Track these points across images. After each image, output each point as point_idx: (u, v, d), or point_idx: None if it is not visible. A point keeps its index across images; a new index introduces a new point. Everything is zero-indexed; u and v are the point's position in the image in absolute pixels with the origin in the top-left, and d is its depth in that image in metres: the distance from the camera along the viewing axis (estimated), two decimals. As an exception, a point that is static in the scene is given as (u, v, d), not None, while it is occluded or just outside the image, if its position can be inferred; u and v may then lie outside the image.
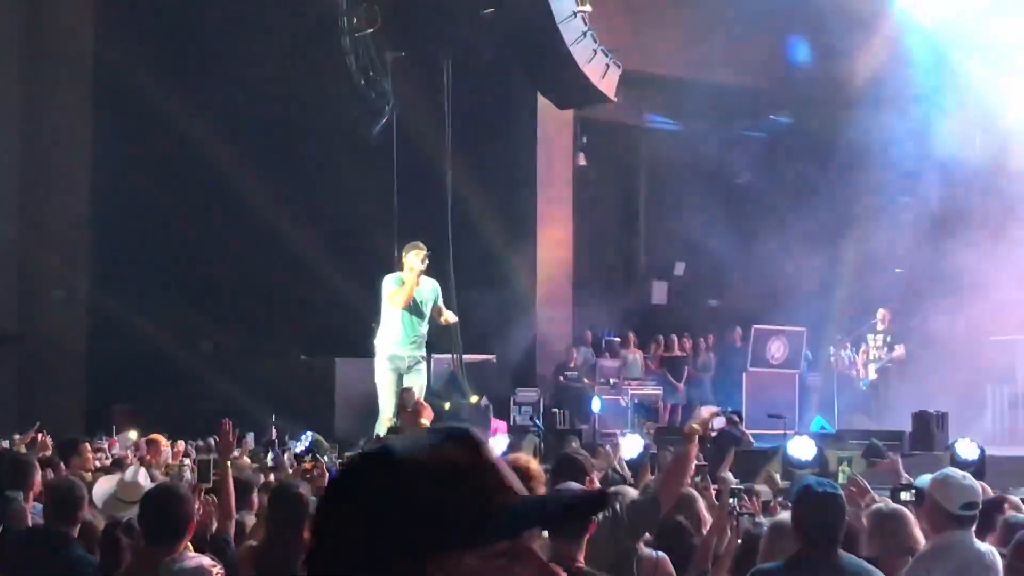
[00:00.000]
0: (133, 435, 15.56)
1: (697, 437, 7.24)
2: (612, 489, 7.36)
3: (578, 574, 5.50)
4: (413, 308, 14.51)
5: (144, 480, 8.04)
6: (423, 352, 14.50)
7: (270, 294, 21.65)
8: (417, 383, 14.39)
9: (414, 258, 14.60)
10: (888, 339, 21.54)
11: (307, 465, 8.29)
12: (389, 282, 14.72)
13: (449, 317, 14.99)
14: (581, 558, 5.58)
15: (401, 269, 14.86)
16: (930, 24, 22.44)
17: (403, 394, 13.74)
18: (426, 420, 7.80)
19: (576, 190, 24.34)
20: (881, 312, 21.68)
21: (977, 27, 21.76)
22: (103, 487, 8.29)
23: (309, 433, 11.60)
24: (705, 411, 7.85)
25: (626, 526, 6.52)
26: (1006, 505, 8.14)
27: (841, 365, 22.37)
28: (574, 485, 6.10)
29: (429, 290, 14.70)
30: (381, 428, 13.72)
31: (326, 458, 11.24)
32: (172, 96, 20.82)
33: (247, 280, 21.68)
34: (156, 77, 20.85)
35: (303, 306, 21.36)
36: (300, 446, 12.16)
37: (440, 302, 14.81)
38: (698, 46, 23.47)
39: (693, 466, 7.39)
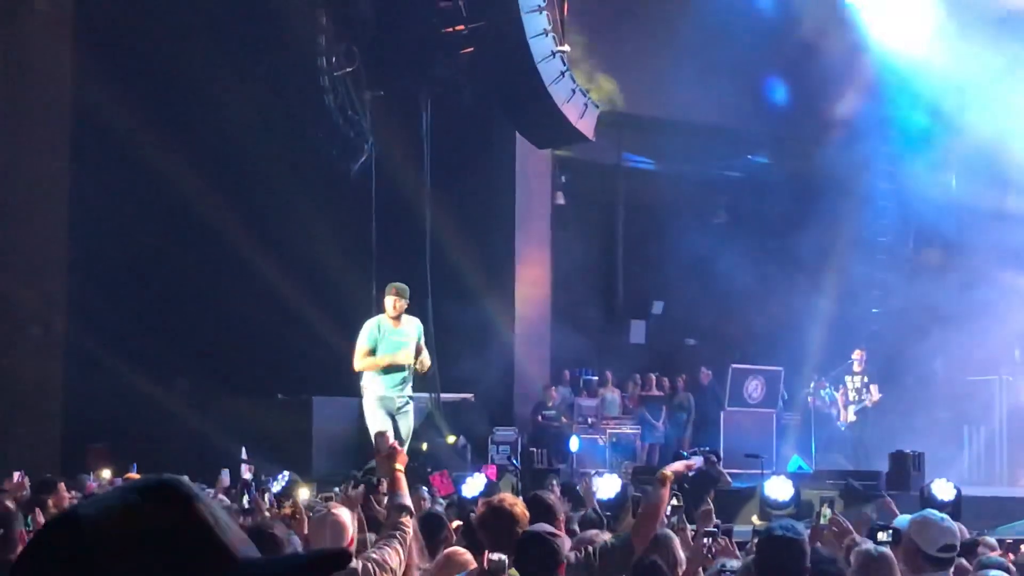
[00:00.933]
0: (107, 474, 15.48)
1: (669, 482, 7.28)
2: (579, 536, 7.34)
3: None
4: (393, 349, 14.28)
5: None
6: (410, 392, 14.25)
7: (247, 332, 21.59)
8: (405, 426, 14.17)
9: (387, 302, 14.31)
10: (864, 380, 21.59)
11: (287, 510, 8.24)
12: (363, 332, 14.42)
13: (425, 360, 14.67)
14: None
15: (382, 310, 14.58)
16: (906, 62, 22.58)
17: (377, 438, 13.54)
18: (400, 465, 7.80)
19: (554, 229, 24.37)
20: (857, 353, 21.73)
21: (955, 63, 21.90)
22: None
23: (286, 473, 11.53)
24: (682, 464, 7.88)
25: (597, 570, 6.52)
26: (979, 548, 8.16)
27: (819, 404, 22.40)
28: (544, 527, 6.11)
29: (412, 329, 14.41)
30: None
31: (304, 496, 11.21)
32: (150, 136, 20.81)
33: (224, 318, 21.63)
34: (134, 117, 20.85)
35: (280, 344, 21.30)
36: (277, 486, 12.08)
37: (421, 341, 14.56)
38: (675, 86, 23.58)
39: (666, 508, 7.41)
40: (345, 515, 6.44)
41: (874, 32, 22.64)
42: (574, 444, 20.47)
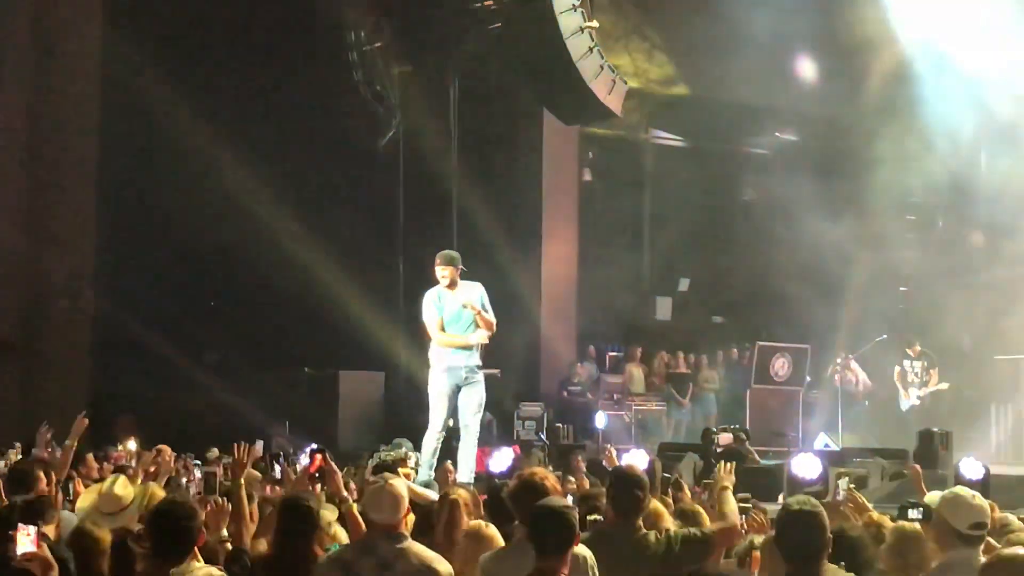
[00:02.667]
0: (132, 445, 15.54)
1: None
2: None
3: None
4: (456, 319, 13.55)
5: (122, 491, 8.01)
6: (478, 361, 13.56)
7: (275, 306, 21.67)
8: (476, 397, 13.57)
9: (439, 273, 13.27)
10: (925, 364, 21.54)
11: (314, 466, 8.22)
12: (427, 306, 13.59)
13: (490, 319, 13.71)
14: (565, 571, 5.66)
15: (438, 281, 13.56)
16: (935, 41, 22.45)
17: (443, 469, 13.17)
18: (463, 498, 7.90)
19: (581, 205, 24.35)
20: (911, 349, 21.63)
21: (981, 44, 21.78)
22: (86, 500, 8.28)
23: (314, 446, 11.53)
24: (725, 475, 7.92)
25: (676, 556, 6.63)
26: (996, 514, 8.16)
27: (845, 382, 22.36)
28: (557, 500, 6.13)
29: (473, 293, 13.29)
30: (429, 442, 13.18)
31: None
32: (179, 110, 20.85)
33: (252, 291, 21.71)
34: (164, 91, 20.88)
35: (308, 318, 21.36)
36: (306, 459, 12.10)
37: (485, 303, 13.67)
38: (704, 63, 23.51)
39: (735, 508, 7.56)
40: (401, 486, 6.48)
41: (904, 12, 22.49)
42: (600, 420, 20.50)
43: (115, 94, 21.93)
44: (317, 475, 8.30)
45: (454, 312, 13.30)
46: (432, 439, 13.04)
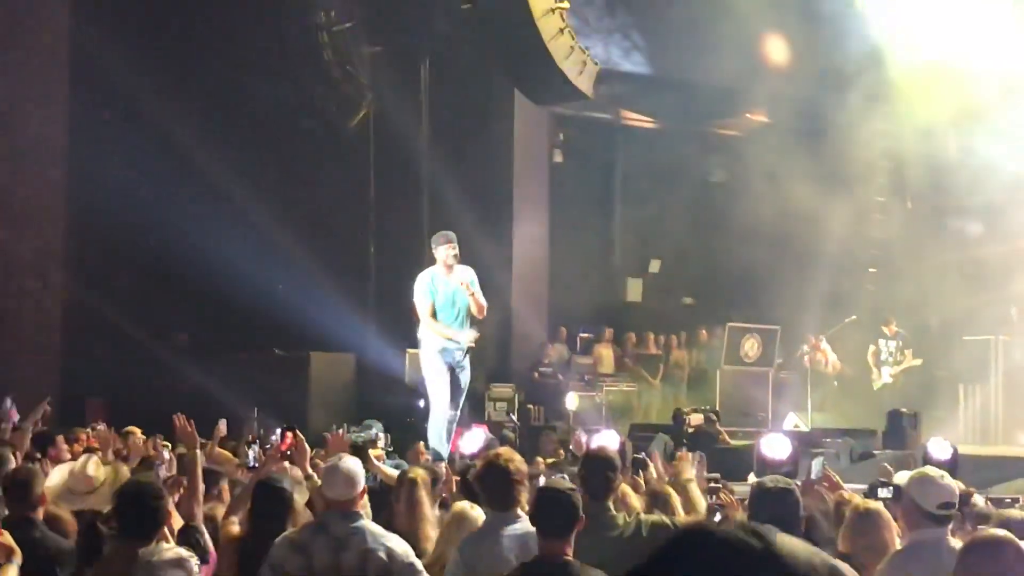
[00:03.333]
0: (101, 427, 15.47)
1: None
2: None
3: (566, 566, 5.63)
4: (450, 303, 13.52)
5: (94, 471, 8.00)
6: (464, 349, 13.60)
7: (245, 286, 21.58)
8: (465, 378, 13.66)
9: (443, 252, 13.39)
10: (900, 344, 21.67)
11: (285, 443, 8.20)
12: (420, 289, 13.45)
13: (481, 302, 13.54)
14: (569, 551, 5.70)
15: (433, 263, 13.67)
16: (901, 21, 22.52)
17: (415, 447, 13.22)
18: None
19: (552, 187, 24.35)
20: (888, 328, 21.76)
21: (947, 27, 21.87)
22: (55, 479, 8.27)
23: (284, 425, 11.46)
24: (687, 466, 7.95)
25: (641, 541, 6.66)
26: (972, 499, 8.21)
27: (814, 362, 22.45)
28: (561, 482, 6.18)
29: (466, 276, 13.44)
30: (439, 421, 13.22)
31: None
32: (149, 88, 20.74)
33: (222, 272, 21.60)
34: (133, 68, 20.75)
35: (278, 299, 21.31)
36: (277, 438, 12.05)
37: (476, 287, 13.52)
38: (674, 44, 23.51)
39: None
40: (356, 465, 6.48)
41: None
42: (571, 401, 20.53)
43: (83, 68, 21.78)
44: (288, 453, 8.32)
45: (448, 296, 13.31)
46: (442, 418, 13.13)
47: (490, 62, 21.65)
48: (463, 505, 7.23)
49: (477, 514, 6.98)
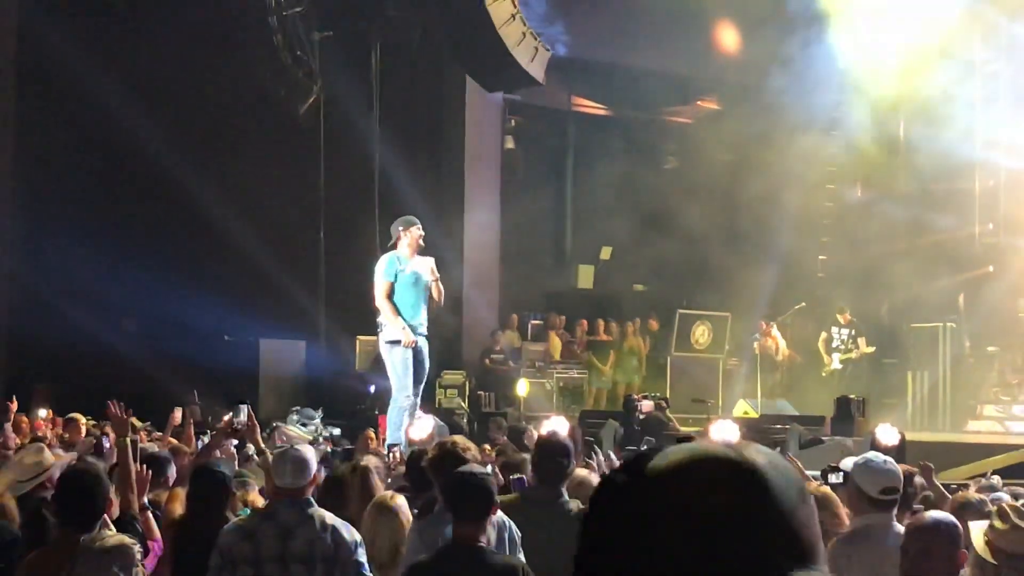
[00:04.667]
0: (43, 413, 15.38)
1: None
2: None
3: (478, 552, 5.68)
4: (409, 285, 13.43)
5: (36, 459, 7.93)
6: (426, 334, 13.55)
7: (194, 273, 21.46)
8: (426, 364, 13.60)
9: (411, 236, 13.28)
10: (852, 333, 21.78)
11: (225, 422, 8.17)
12: (381, 268, 13.32)
13: (440, 291, 13.56)
14: (484, 539, 5.76)
15: (394, 247, 13.47)
16: (849, 9, 22.64)
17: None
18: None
19: (504, 173, 24.33)
20: (842, 316, 21.88)
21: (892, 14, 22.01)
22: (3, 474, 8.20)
23: (244, 407, 11.23)
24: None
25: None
26: (915, 478, 8.25)
27: (764, 349, 22.56)
28: (476, 467, 6.16)
29: (428, 262, 13.36)
30: (403, 404, 13.12)
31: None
32: (97, 73, 20.53)
33: (171, 258, 21.47)
34: (81, 54, 20.55)
35: (227, 285, 21.18)
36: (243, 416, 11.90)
37: (436, 274, 13.46)
38: (626, 31, 23.52)
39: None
40: (308, 452, 6.46)
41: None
42: (522, 388, 20.53)
43: (31, 52, 21.56)
44: (237, 428, 8.33)
45: (408, 278, 13.21)
46: (405, 401, 13.03)
47: (441, 48, 21.59)
48: (384, 496, 7.21)
49: (400, 503, 6.96)
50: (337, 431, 15.56)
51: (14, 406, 13.06)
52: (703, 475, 1.48)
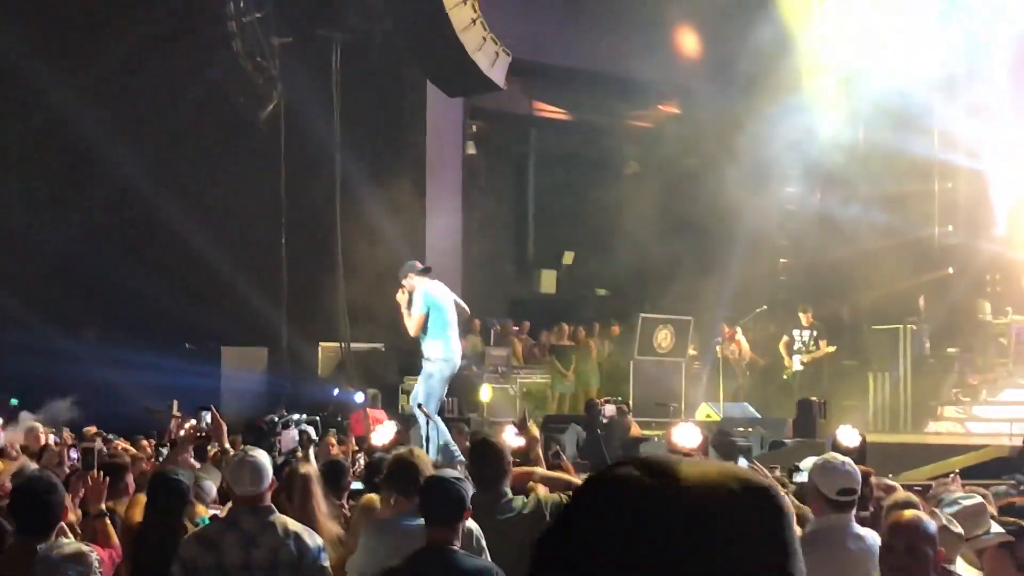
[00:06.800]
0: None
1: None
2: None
3: (451, 553, 5.67)
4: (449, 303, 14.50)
5: None
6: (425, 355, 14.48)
7: (155, 281, 21.35)
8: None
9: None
10: (814, 334, 21.84)
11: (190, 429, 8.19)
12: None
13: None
14: (456, 543, 5.73)
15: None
16: (813, 13, 22.77)
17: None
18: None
19: (466, 178, 24.34)
20: (805, 316, 21.94)
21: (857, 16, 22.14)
22: None
23: (207, 412, 11.17)
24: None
25: (545, 521, 6.66)
26: (872, 478, 8.27)
27: (727, 353, 22.63)
28: (449, 472, 6.19)
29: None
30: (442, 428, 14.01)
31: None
32: (50, 77, 20.40)
33: (132, 267, 21.36)
34: (37, 57, 20.42)
35: (188, 293, 21.09)
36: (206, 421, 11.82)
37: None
38: (587, 36, 23.56)
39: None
40: (264, 458, 6.43)
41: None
42: (485, 393, 20.51)
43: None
44: (202, 435, 8.33)
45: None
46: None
47: (402, 53, 21.56)
48: (371, 496, 7.22)
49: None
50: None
51: None
52: (741, 495, 1.50)
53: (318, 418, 13.22)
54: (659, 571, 1.46)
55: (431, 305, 14.24)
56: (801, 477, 7.30)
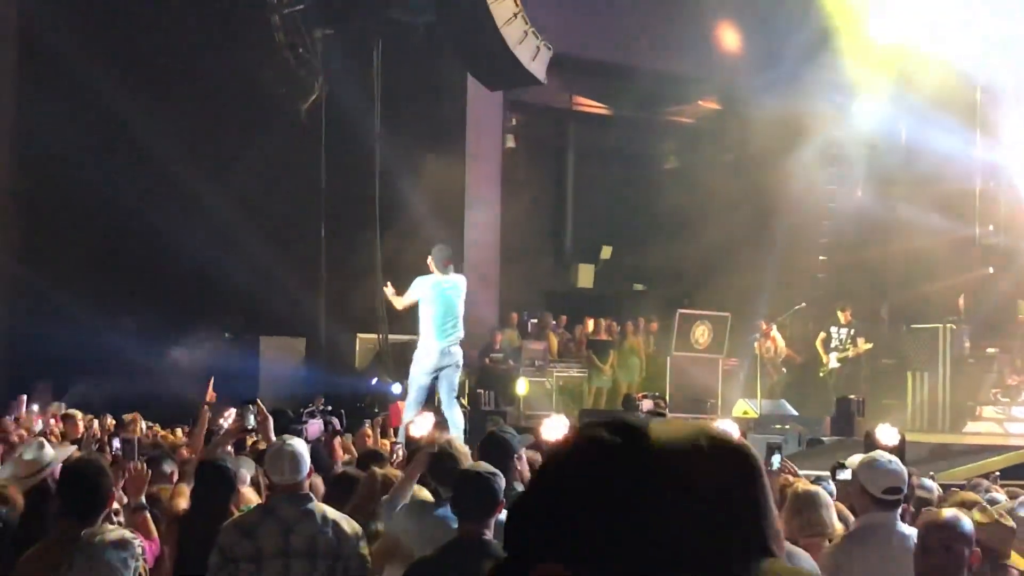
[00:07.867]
0: (35, 407, 15.40)
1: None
2: None
3: (485, 544, 5.68)
4: (443, 303, 14.57)
5: (36, 455, 7.91)
6: (455, 350, 14.81)
7: (195, 270, 21.44)
8: (447, 385, 14.68)
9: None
10: (852, 332, 21.74)
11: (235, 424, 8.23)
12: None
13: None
14: (489, 534, 5.74)
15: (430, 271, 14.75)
16: (859, 9, 22.64)
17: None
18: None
19: (504, 172, 24.32)
20: (843, 315, 21.84)
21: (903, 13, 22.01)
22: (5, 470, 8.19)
23: (253, 407, 11.15)
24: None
25: None
26: (912, 478, 8.25)
27: (764, 349, 22.55)
28: (484, 465, 6.17)
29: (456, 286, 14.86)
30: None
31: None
32: (100, 69, 20.50)
33: (173, 256, 21.45)
34: (84, 49, 20.52)
35: (228, 283, 21.16)
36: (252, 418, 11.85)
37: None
38: (628, 31, 23.51)
39: None
40: (302, 446, 6.44)
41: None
42: (521, 387, 20.51)
43: (33, 46, 21.52)
44: (251, 428, 8.38)
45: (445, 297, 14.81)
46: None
47: (443, 46, 21.56)
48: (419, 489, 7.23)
49: (426, 495, 6.98)
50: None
51: (23, 400, 13.09)
52: (710, 452, 1.48)
53: (343, 411, 13.27)
54: (631, 531, 1.44)
55: (420, 299, 14.40)
56: (845, 474, 7.27)
